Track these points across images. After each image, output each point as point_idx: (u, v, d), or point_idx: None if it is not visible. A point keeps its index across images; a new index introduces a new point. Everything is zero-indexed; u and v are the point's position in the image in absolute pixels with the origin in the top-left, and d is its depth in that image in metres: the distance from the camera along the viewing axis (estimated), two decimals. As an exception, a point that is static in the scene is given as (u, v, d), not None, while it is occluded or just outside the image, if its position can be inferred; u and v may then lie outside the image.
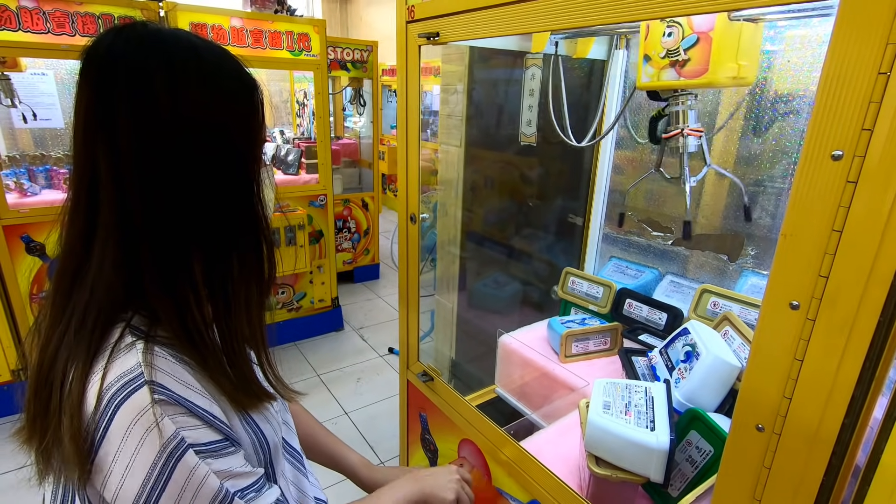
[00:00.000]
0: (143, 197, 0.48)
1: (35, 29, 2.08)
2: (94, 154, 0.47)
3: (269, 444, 0.59)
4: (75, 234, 0.49)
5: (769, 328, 0.51)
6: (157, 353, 0.48)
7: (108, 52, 0.48)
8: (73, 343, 0.48)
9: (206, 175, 0.50)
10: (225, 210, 0.52)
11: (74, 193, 0.50)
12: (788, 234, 0.48)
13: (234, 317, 0.54)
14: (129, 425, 0.44)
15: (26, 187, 2.53)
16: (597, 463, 0.83)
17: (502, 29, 0.85)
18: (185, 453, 0.46)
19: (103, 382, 0.45)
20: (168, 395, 0.46)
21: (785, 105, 1.18)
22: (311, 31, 2.76)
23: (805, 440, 0.50)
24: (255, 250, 0.56)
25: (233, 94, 0.52)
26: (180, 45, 0.50)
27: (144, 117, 0.47)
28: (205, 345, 0.52)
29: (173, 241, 0.50)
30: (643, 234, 1.56)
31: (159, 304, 0.50)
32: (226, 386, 0.53)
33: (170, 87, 0.47)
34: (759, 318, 0.52)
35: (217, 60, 0.52)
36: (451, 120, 1.74)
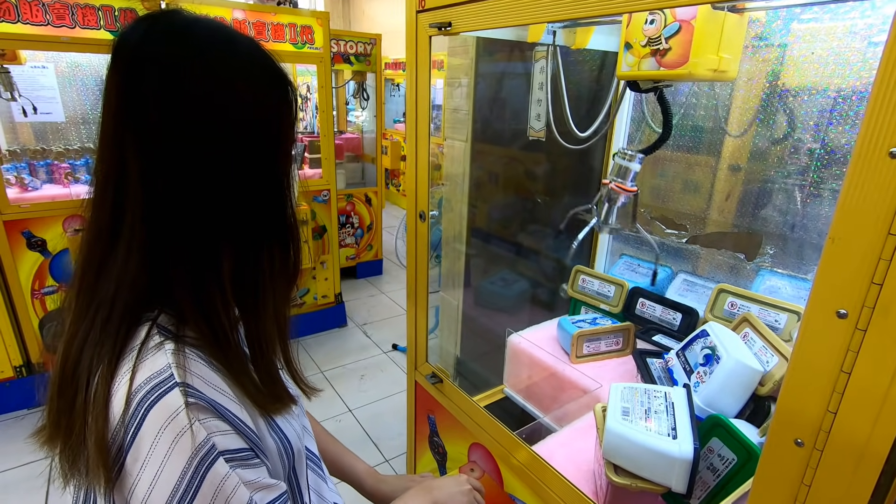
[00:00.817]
0: (172, 191, 0.46)
1: (34, 21, 2.04)
2: (122, 147, 0.46)
3: (293, 449, 0.57)
4: (101, 227, 0.48)
5: (813, 338, 0.48)
6: (188, 355, 0.46)
7: (141, 42, 0.46)
8: (98, 340, 0.46)
9: (237, 170, 0.49)
10: (256, 206, 0.51)
11: (100, 186, 0.48)
12: (837, 237, 0.45)
13: (263, 315, 0.53)
14: (160, 430, 0.43)
15: (27, 182, 2.51)
16: (615, 471, 0.80)
17: (517, 18, 0.82)
18: (216, 461, 0.44)
19: (132, 384, 0.44)
20: (199, 397, 0.45)
21: (794, 99, 1.15)
22: (314, 23, 2.71)
23: (851, 458, 0.46)
24: (283, 247, 0.55)
25: (266, 89, 0.51)
26: (215, 37, 0.48)
27: (176, 110, 0.46)
28: (230, 346, 0.50)
29: (202, 238, 0.48)
30: (655, 232, 1.53)
31: (186, 302, 0.48)
32: (251, 389, 0.51)
33: (203, 81, 0.46)
34: (800, 326, 0.48)
35: (252, 54, 0.50)
36: (456, 114, 1.70)
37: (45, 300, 2.36)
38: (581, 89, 1.56)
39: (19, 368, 2.33)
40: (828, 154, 1.11)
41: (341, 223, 3.83)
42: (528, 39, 1.41)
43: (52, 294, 2.36)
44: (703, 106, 1.37)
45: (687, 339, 1.04)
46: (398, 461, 2.18)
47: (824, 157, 1.12)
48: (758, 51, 1.19)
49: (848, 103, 1.06)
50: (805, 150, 1.15)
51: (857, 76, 1.03)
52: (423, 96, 1.06)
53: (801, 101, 1.14)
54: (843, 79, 1.06)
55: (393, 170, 6.16)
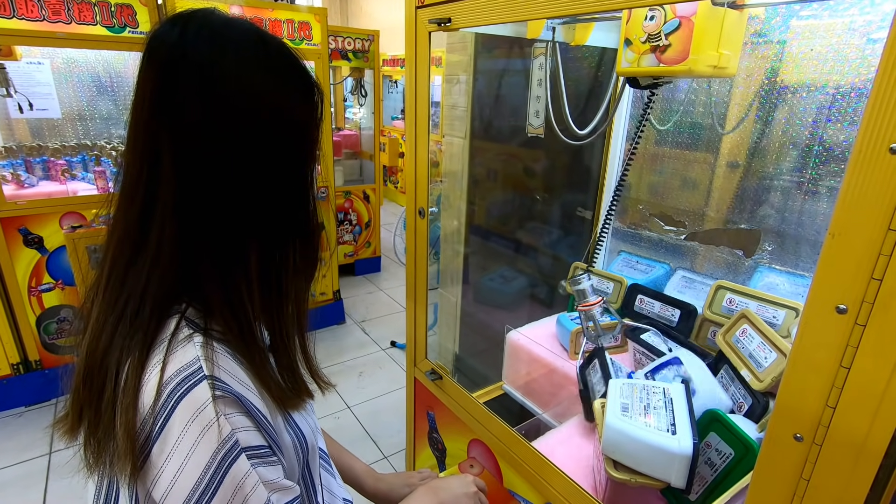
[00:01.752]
0: (204, 188, 0.47)
1: (30, 16, 2.03)
2: (156, 144, 0.47)
3: (307, 444, 0.58)
4: (131, 221, 0.49)
5: (812, 333, 0.48)
6: (215, 349, 0.47)
7: (179, 40, 0.47)
8: (128, 332, 0.47)
9: (266, 169, 0.50)
10: (283, 202, 0.53)
11: (131, 180, 0.49)
12: (837, 233, 0.45)
13: (285, 309, 0.55)
14: (188, 422, 0.43)
15: (23, 179, 2.49)
16: (615, 467, 0.80)
17: (517, 14, 0.81)
18: (239, 457, 0.45)
19: (163, 376, 0.45)
20: (227, 391, 0.45)
21: (793, 96, 1.15)
22: (311, 19, 2.70)
23: (850, 452, 0.47)
24: (306, 242, 0.56)
25: (297, 90, 0.52)
26: (250, 38, 0.50)
27: (212, 110, 0.47)
28: (254, 341, 0.51)
29: (231, 233, 0.49)
30: (654, 228, 1.53)
31: (214, 296, 0.49)
32: (271, 384, 0.52)
33: (238, 81, 0.48)
34: (800, 321, 0.49)
35: (284, 56, 0.52)
36: (455, 111, 1.70)
37: (42, 297, 2.35)
38: (580, 86, 1.56)
39: (16, 366, 2.32)
40: (826, 151, 1.11)
41: (339, 220, 3.83)
42: (528, 36, 1.41)
43: (49, 291, 2.35)
44: (701, 103, 1.37)
45: (656, 364, 1.03)
46: (397, 458, 2.18)
47: (823, 153, 1.12)
48: (756, 47, 1.19)
49: (847, 100, 1.06)
50: (803, 147, 1.15)
51: (855, 73, 1.03)
52: (423, 93, 1.06)
53: (799, 97, 1.14)
54: (842, 75, 1.06)
55: (391, 167, 6.15)
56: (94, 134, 3.00)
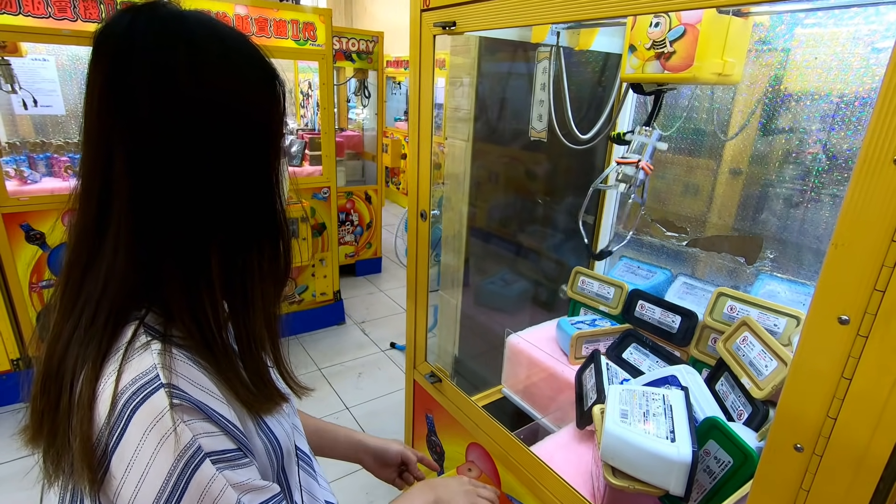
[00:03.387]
0: (159, 186, 0.45)
1: (36, 13, 2.03)
2: (108, 141, 0.45)
3: (282, 449, 0.57)
4: (87, 223, 0.47)
5: (814, 343, 0.48)
6: (174, 355, 0.45)
7: (127, 32, 0.45)
8: (83, 340, 0.45)
9: (225, 165, 0.48)
10: (245, 202, 0.50)
11: (86, 180, 0.47)
12: (840, 243, 0.45)
13: (252, 314, 0.52)
14: (145, 432, 0.42)
15: (26, 175, 2.49)
16: (613, 473, 0.80)
17: (522, 19, 0.81)
18: (203, 462, 0.43)
19: (118, 385, 0.43)
20: (186, 398, 0.44)
21: (797, 104, 1.15)
22: (316, 20, 2.71)
23: (850, 463, 0.47)
24: (273, 244, 0.54)
25: (256, 83, 0.50)
26: (204, 29, 0.47)
27: (164, 104, 0.44)
28: (219, 345, 0.49)
29: (191, 234, 0.47)
30: (656, 234, 1.53)
31: (175, 300, 0.47)
32: (239, 389, 0.50)
33: (192, 73, 0.45)
34: (802, 331, 0.49)
35: (241, 48, 0.50)
36: (457, 113, 1.70)
37: (43, 293, 2.35)
38: (583, 90, 1.56)
39: (16, 362, 2.32)
40: (830, 159, 1.11)
41: (341, 221, 3.83)
42: (532, 40, 1.41)
43: (50, 287, 2.36)
44: (704, 109, 1.37)
45: (652, 379, 1.03)
46: (395, 459, 2.18)
47: (826, 162, 1.12)
48: (761, 55, 1.19)
49: (850, 109, 1.06)
50: (807, 155, 1.15)
51: (859, 82, 1.03)
52: (426, 95, 1.06)
53: (803, 105, 1.14)
54: (846, 84, 1.06)
55: (393, 168, 6.15)
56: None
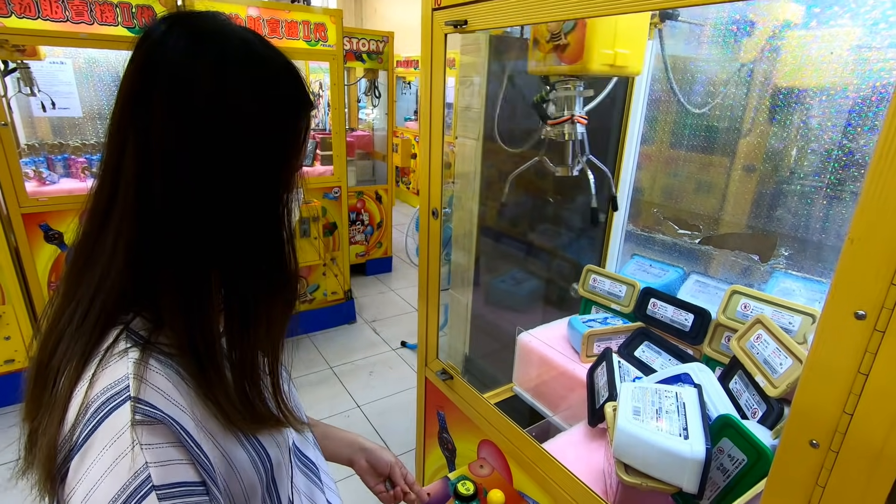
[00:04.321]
0: (164, 191, 0.45)
1: (54, 17, 2.08)
2: (123, 143, 0.45)
3: (271, 461, 0.54)
4: (93, 220, 0.47)
5: (830, 338, 0.47)
6: (150, 366, 0.44)
7: (160, 40, 0.45)
8: (72, 338, 0.45)
9: (233, 184, 0.47)
10: (248, 224, 0.49)
11: (100, 180, 0.47)
12: (856, 238, 0.44)
13: (252, 329, 0.51)
14: (105, 447, 0.40)
15: (45, 176, 2.55)
16: (626, 471, 0.80)
17: (533, 16, 0.82)
18: (148, 496, 0.40)
19: (89, 392, 0.42)
20: (153, 414, 0.42)
21: (812, 99, 1.13)
22: (327, 21, 2.73)
23: (867, 459, 0.46)
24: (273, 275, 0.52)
25: (281, 112, 0.49)
26: (240, 47, 0.47)
27: (178, 118, 0.44)
28: (210, 358, 0.48)
29: (192, 241, 0.46)
30: (668, 232, 1.52)
31: (168, 304, 0.46)
32: (224, 405, 0.48)
33: (214, 91, 0.45)
34: (818, 326, 0.48)
35: (275, 74, 0.49)
36: (468, 112, 1.70)
37: (62, 292, 2.40)
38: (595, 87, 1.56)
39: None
40: (845, 155, 1.10)
41: (351, 220, 3.85)
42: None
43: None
44: (717, 106, 1.36)
45: (665, 377, 1.02)
46: (406, 457, 2.19)
47: (842, 158, 1.10)
48: (776, 50, 1.18)
49: (867, 104, 1.04)
50: (822, 152, 1.13)
51: (876, 76, 1.02)
52: (438, 94, 1.06)
53: (819, 101, 1.12)
54: (862, 79, 1.04)
55: (403, 168, 6.17)
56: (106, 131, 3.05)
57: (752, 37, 1.24)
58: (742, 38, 1.26)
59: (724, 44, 1.30)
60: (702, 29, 1.35)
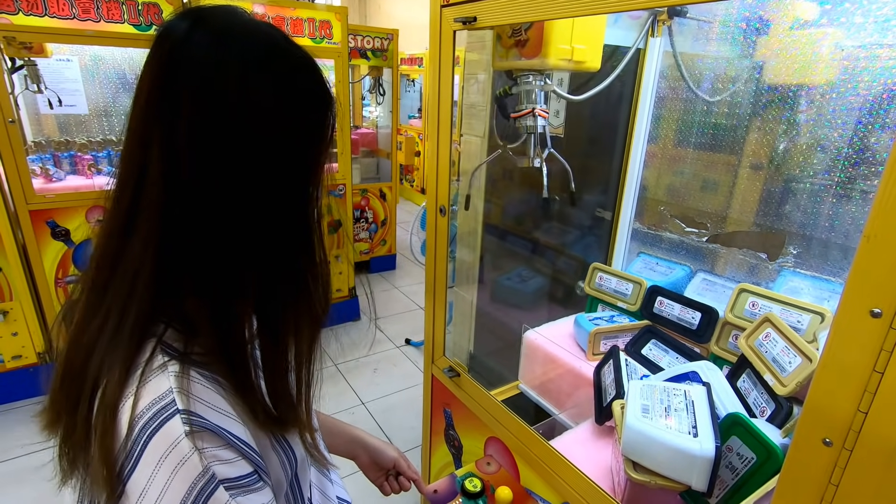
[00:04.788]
0: (191, 192, 0.44)
1: (61, 14, 2.08)
2: (148, 141, 0.44)
3: (296, 457, 0.56)
4: (118, 221, 0.46)
5: (845, 336, 0.47)
6: (192, 378, 0.45)
7: (185, 35, 0.44)
8: (108, 345, 0.45)
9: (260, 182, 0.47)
10: (278, 220, 0.49)
11: (122, 178, 0.46)
12: (873, 235, 0.44)
13: (282, 338, 0.51)
14: (160, 459, 0.41)
15: (52, 173, 2.56)
16: (634, 468, 0.80)
17: (542, 13, 0.81)
18: (216, 490, 0.42)
19: (135, 409, 0.43)
20: (202, 423, 0.43)
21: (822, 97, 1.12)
22: (332, 18, 2.72)
23: (882, 457, 0.46)
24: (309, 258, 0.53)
25: (306, 108, 0.49)
26: (265, 43, 0.47)
27: (208, 113, 0.44)
28: (243, 363, 0.48)
29: (222, 241, 0.46)
30: (675, 230, 1.52)
31: (200, 312, 0.46)
32: (258, 409, 0.49)
33: (240, 89, 0.44)
34: (833, 324, 0.48)
35: (300, 70, 0.49)
36: (473, 110, 1.70)
37: (69, 289, 2.41)
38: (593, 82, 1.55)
39: (42, 355, 2.39)
40: (855, 153, 1.09)
41: (356, 218, 3.85)
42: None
43: (75, 283, 2.41)
44: (725, 103, 1.36)
45: (672, 375, 1.02)
46: (411, 454, 2.19)
47: (852, 156, 1.10)
48: (785, 46, 1.17)
49: (878, 101, 1.04)
50: (832, 149, 1.13)
51: (888, 74, 1.01)
52: (446, 92, 1.06)
53: (829, 99, 1.12)
54: (874, 77, 1.04)
55: (407, 165, 6.16)
56: (119, 130, 3.06)
57: (762, 34, 1.23)
58: (751, 35, 1.25)
59: (733, 41, 1.30)
60: (710, 26, 1.34)
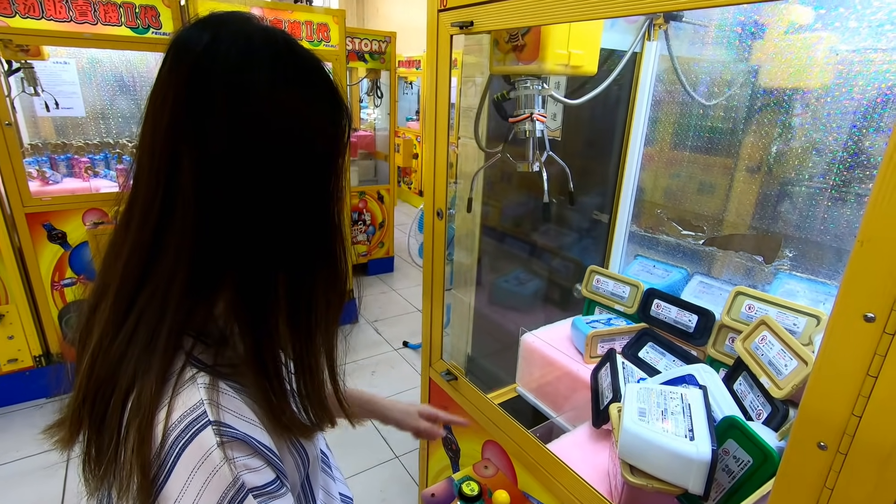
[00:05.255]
0: (227, 205, 0.45)
1: (58, 17, 2.08)
2: (176, 155, 0.44)
3: (308, 458, 0.57)
4: (145, 234, 0.46)
5: (839, 341, 0.47)
6: (221, 389, 0.46)
7: (210, 46, 0.44)
8: (139, 358, 0.45)
9: (293, 188, 0.48)
10: (309, 225, 0.51)
11: (146, 189, 0.46)
12: (866, 240, 0.44)
13: (315, 339, 0.53)
14: (193, 469, 0.43)
15: (48, 175, 2.56)
16: (631, 472, 0.80)
17: (539, 18, 0.82)
18: (245, 498, 0.44)
19: (168, 420, 0.44)
20: (233, 434, 0.44)
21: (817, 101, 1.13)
22: (330, 21, 2.73)
23: (876, 462, 0.46)
24: (332, 269, 0.54)
25: (328, 112, 0.50)
26: (286, 51, 0.47)
27: (241, 123, 0.44)
28: (276, 374, 0.49)
29: (253, 256, 0.47)
30: (672, 233, 1.52)
31: (235, 322, 0.47)
32: (284, 418, 0.51)
33: (271, 96, 0.45)
34: (826, 328, 0.48)
35: (317, 73, 0.50)
36: (471, 113, 1.70)
37: (65, 292, 2.40)
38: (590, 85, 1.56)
39: (39, 358, 2.38)
40: (850, 157, 1.10)
41: (353, 220, 3.85)
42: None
43: (72, 286, 2.41)
44: (721, 106, 1.36)
45: (669, 378, 1.02)
46: (408, 457, 2.19)
47: (847, 159, 1.10)
48: (780, 51, 1.18)
49: (872, 105, 1.04)
50: (827, 153, 1.13)
51: (882, 78, 1.02)
52: (443, 94, 1.07)
53: (824, 103, 1.12)
54: (868, 81, 1.04)
55: (405, 168, 6.17)
56: (116, 132, 3.06)
57: (757, 38, 1.24)
58: (746, 39, 1.26)
59: (729, 45, 1.30)
60: (706, 30, 1.35)
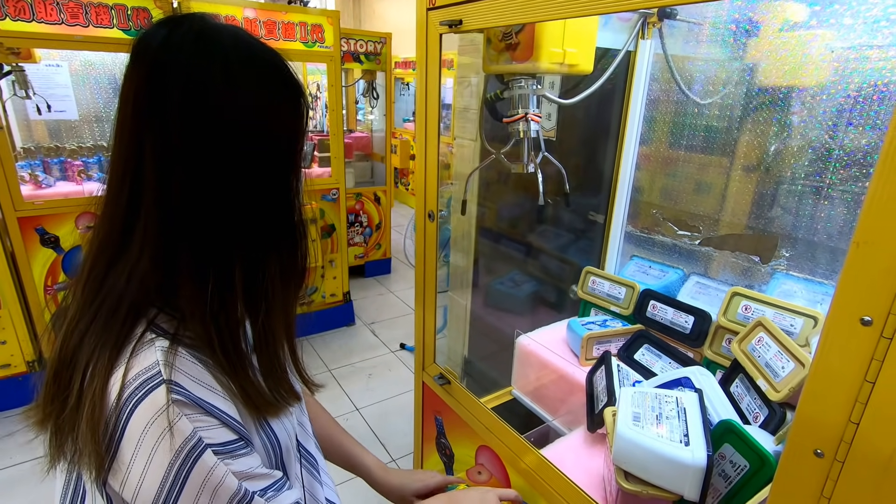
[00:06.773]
0: (186, 191, 0.47)
1: (49, 20, 2.06)
2: (140, 147, 0.47)
3: (280, 446, 0.58)
4: (114, 222, 0.49)
5: (835, 345, 0.46)
6: (179, 353, 0.48)
7: (164, 44, 0.47)
8: (101, 331, 0.48)
9: (249, 176, 0.50)
10: (265, 209, 0.53)
11: (116, 182, 0.49)
12: (862, 242, 0.43)
13: (271, 316, 0.54)
14: (147, 425, 0.44)
15: (41, 179, 2.53)
16: (626, 478, 0.78)
17: (528, 15, 0.80)
18: (203, 453, 0.45)
19: (124, 379, 0.45)
20: (185, 395, 0.46)
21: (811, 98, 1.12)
22: (324, 22, 2.71)
23: (874, 470, 0.45)
24: (291, 249, 0.56)
25: (282, 100, 0.52)
26: (237, 46, 0.50)
27: (196, 117, 0.47)
28: (234, 349, 0.51)
29: (213, 239, 0.49)
30: (667, 233, 1.51)
31: (191, 302, 0.49)
32: (250, 392, 0.52)
33: (223, 88, 0.47)
34: (822, 333, 0.47)
35: (272, 65, 0.52)
36: (466, 113, 1.69)
37: (58, 296, 2.38)
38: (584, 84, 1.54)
39: (32, 363, 2.36)
40: (846, 155, 1.08)
41: (350, 222, 3.84)
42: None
43: (65, 290, 2.39)
44: (716, 105, 1.35)
45: (665, 381, 1.01)
46: (404, 461, 2.17)
47: (843, 158, 1.09)
48: (775, 48, 1.17)
49: (868, 103, 1.03)
50: (823, 151, 1.12)
51: (878, 74, 1.01)
52: (433, 94, 1.05)
53: (819, 100, 1.11)
54: (864, 78, 1.03)
55: (402, 169, 6.15)
56: (109, 135, 3.04)
57: (752, 35, 1.23)
58: (741, 37, 1.25)
59: (724, 43, 1.29)
60: (700, 28, 1.34)
